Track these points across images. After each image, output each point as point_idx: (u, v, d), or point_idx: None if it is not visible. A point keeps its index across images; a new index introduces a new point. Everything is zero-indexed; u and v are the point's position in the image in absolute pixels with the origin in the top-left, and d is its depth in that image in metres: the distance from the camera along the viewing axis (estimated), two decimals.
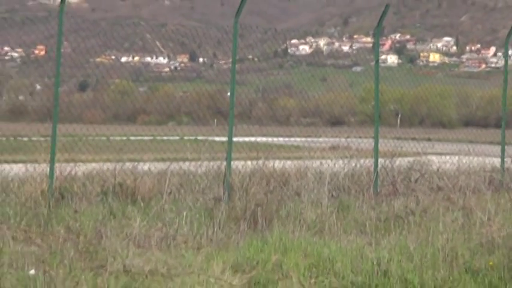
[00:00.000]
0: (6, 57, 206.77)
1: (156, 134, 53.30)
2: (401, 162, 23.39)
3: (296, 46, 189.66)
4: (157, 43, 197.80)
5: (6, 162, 21.43)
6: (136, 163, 21.21)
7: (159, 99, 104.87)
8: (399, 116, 76.46)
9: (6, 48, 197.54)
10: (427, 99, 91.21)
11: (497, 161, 23.73)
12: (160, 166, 21.36)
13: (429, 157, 25.61)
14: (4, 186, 18.53)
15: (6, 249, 12.56)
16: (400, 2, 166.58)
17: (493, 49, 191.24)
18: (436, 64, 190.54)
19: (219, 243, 14.26)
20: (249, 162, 20.94)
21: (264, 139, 38.48)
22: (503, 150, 23.12)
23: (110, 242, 13.22)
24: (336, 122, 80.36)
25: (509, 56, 27.79)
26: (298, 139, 49.81)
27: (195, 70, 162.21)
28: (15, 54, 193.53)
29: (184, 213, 15.56)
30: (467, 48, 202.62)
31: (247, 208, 16.34)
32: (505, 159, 23.20)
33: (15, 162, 21.34)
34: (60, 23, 18.91)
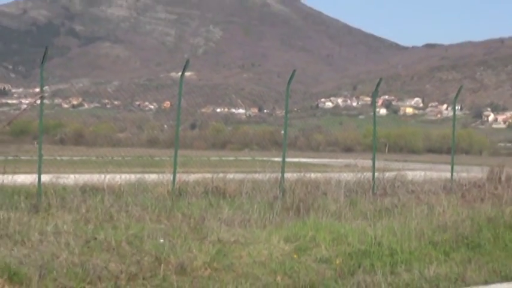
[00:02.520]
0: (146, 108, 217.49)
1: (237, 156, 58.90)
2: (389, 175, 24.82)
3: (323, 102, 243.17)
4: (239, 100, 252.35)
5: (146, 172, 22.70)
6: (225, 174, 22.55)
7: (239, 135, 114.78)
8: (387, 145, 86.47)
9: (146, 103, 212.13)
10: (404, 136, 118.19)
11: (448, 174, 25.10)
12: (240, 176, 22.42)
13: (406, 172, 26.96)
14: (145, 187, 19.70)
15: (147, 226, 13.55)
16: (388, 76, 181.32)
17: (445, 105, 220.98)
18: (410, 114, 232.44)
19: (276, 224, 15.18)
20: (294, 174, 21.99)
21: (303, 160, 41.23)
22: (452, 167, 24.70)
23: (209, 223, 14.39)
24: (348, 149, 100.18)
25: (456, 110, 29.99)
26: (324, 160, 53.49)
27: (262, 117, 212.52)
28: (151, 106, 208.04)
29: (255, 206, 16.82)
30: (429, 104, 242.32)
31: (294, 202, 17.80)
32: (453, 173, 24.58)
33: (151, 172, 22.36)
34: (180, 87, 20.75)
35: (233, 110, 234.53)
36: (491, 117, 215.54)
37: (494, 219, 15.76)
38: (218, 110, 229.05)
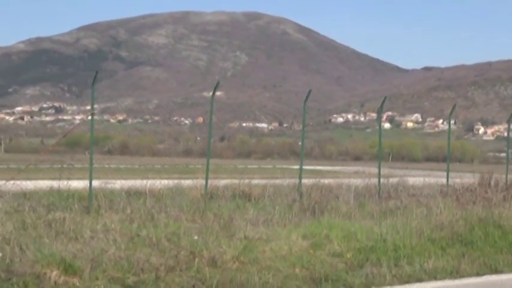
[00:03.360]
0: (182, 123, 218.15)
1: (261, 164, 58.60)
2: (392, 180, 24.58)
3: (335, 118, 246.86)
4: (262, 116, 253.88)
5: (182, 178, 22.55)
6: (250, 179, 22.46)
7: (262, 146, 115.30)
8: (390, 155, 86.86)
9: (182, 118, 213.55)
10: (405, 146, 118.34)
11: (444, 180, 24.63)
12: (263, 181, 22.49)
13: (407, 178, 26.55)
14: (181, 191, 19.68)
15: (183, 225, 13.65)
16: (391, 95, 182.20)
17: (441, 120, 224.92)
18: (410, 128, 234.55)
19: (295, 223, 15.12)
20: (310, 180, 22.08)
21: (318, 167, 40.59)
22: (447, 174, 24.25)
23: (236, 222, 14.37)
24: (356, 158, 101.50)
25: (451, 124, 29.71)
26: (336, 167, 52.97)
27: (282, 130, 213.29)
28: (186, 121, 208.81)
29: (276, 207, 16.69)
30: (427, 119, 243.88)
31: (310, 205, 17.79)
32: (449, 179, 24.16)
33: (186, 178, 22.23)
34: (212, 105, 20.69)
35: (257, 125, 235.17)
36: (481, 130, 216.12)
37: (485, 219, 15.64)
38: (244, 124, 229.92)
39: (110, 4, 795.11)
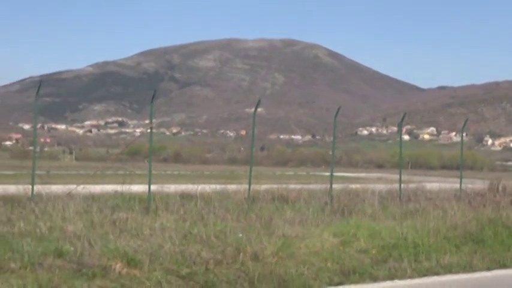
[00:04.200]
0: (227, 135, 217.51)
1: (296, 171, 58.31)
2: (411, 186, 24.60)
3: (361, 131, 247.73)
4: (297, 129, 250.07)
5: (228, 184, 22.00)
6: (287, 185, 22.49)
7: (297, 155, 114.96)
8: (409, 163, 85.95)
9: (227, 131, 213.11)
10: (422, 156, 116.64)
11: (458, 186, 24.20)
12: (298, 186, 22.26)
13: (424, 183, 26.59)
14: (227, 195, 19.42)
15: (229, 224, 13.57)
16: (410, 111, 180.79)
17: (454, 133, 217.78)
18: (427, 140, 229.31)
19: (326, 223, 15.01)
20: (339, 185, 22.21)
21: (346, 174, 40.19)
22: (460, 180, 23.84)
23: (275, 222, 14.26)
24: (380, 166, 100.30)
25: (463, 136, 29.28)
26: (362, 174, 52.52)
27: (314, 142, 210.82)
28: (231, 134, 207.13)
29: (310, 209, 16.74)
30: (442, 132, 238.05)
31: (339, 207, 17.79)
32: (462, 185, 23.73)
33: (232, 183, 21.85)
34: (254, 120, 20.61)
35: (292, 137, 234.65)
36: (490, 142, 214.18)
37: (494, 220, 15.53)
38: (281, 136, 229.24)
39: (166, 32, 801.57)
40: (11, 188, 18.63)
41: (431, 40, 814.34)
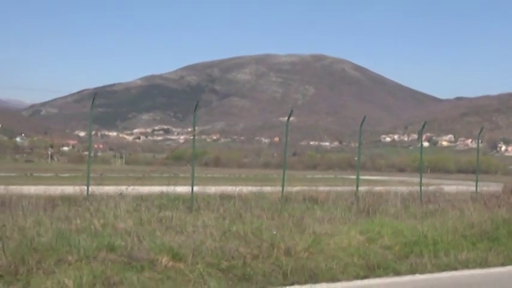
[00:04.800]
0: (262, 142, 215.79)
1: (324, 174, 57.65)
2: (431, 188, 24.22)
3: (384, 138, 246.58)
4: (325, 136, 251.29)
5: (263, 186, 21.83)
6: (317, 187, 22.47)
7: (326, 160, 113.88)
8: (429, 168, 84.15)
9: (262, 138, 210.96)
10: (441, 161, 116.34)
11: (474, 188, 24.06)
12: (327, 188, 22.32)
13: (443, 186, 26.31)
14: (262, 196, 19.34)
15: (264, 222, 13.24)
16: (429, 119, 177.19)
17: (470, 140, 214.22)
18: (445, 146, 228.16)
19: (353, 222, 14.86)
20: (365, 187, 21.72)
21: (370, 177, 39.38)
22: (476, 183, 23.70)
23: (306, 220, 14.20)
24: (401, 170, 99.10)
25: (479, 143, 28.97)
26: (385, 177, 51.58)
27: (341, 148, 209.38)
28: (266, 141, 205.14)
29: (338, 209, 16.60)
30: (459, 139, 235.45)
31: (365, 207, 17.58)
32: (477, 187, 23.56)
33: (267, 185, 21.88)
34: (287, 128, 20.60)
35: (321, 143, 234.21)
36: (504, 148, 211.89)
37: (508, 220, 15.26)
38: (311, 143, 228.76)
39: (207, 48, 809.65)
40: (69, 189, 18.87)
41: (449, 55, 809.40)
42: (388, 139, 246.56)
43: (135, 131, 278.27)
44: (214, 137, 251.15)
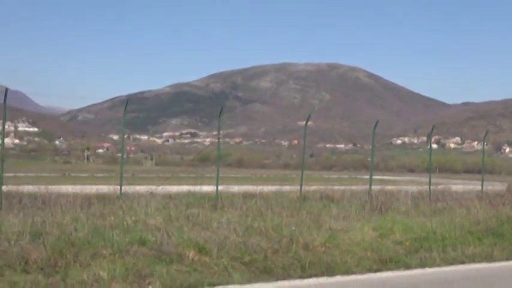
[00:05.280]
0: (282, 144, 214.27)
1: (340, 175, 57.20)
2: (439, 187, 23.71)
3: (395, 140, 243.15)
4: (340, 139, 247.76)
5: (283, 185, 21.95)
6: (332, 186, 22.72)
7: (341, 161, 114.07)
8: (437, 168, 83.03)
9: (282, 141, 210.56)
10: (449, 162, 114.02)
11: (479, 187, 23.70)
12: (342, 187, 22.36)
13: (450, 186, 26.14)
14: (282, 194, 19.40)
15: (284, 219, 13.40)
16: (438, 123, 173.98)
17: (476, 142, 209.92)
18: (452, 148, 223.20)
19: (367, 219, 14.88)
20: (377, 187, 21.60)
21: (383, 177, 38.77)
22: (482, 183, 23.44)
23: (323, 217, 14.26)
24: (411, 170, 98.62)
25: (484, 145, 28.53)
26: (396, 177, 50.42)
27: (355, 150, 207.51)
28: (285, 143, 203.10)
29: (352, 207, 16.62)
30: (466, 141, 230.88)
31: (377, 205, 17.47)
32: (483, 187, 23.31)
33: (286, 185, 22.16)
34: (305, 131, 20.80)
35: (337, 145, 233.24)
36: (508, 150, 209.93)
37: None
38: (327, 145, 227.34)
39: (230, 58, 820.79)
40: (103, 188, 18.97)
41: (456, 63, 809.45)
42: (399, 142, 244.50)
43: (165, 134, 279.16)
44: (237, 140, 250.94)
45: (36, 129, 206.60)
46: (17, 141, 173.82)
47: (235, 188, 20.44)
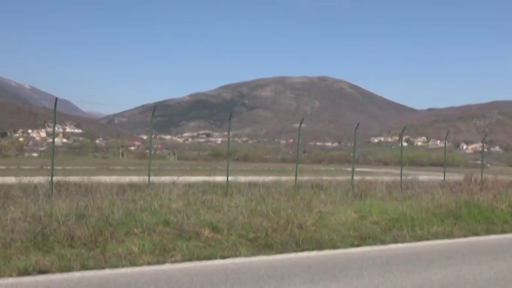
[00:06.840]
0: (280, 143, 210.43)
1: (327, 167, 56.41)
2: (408, 177, 23.42)
3: (373, 139, 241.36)
4: (328, 138, 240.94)
5: (281, 176, 22.27)
6: (321, 177, 22.23)
7: (328, 156, 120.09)
8: (407, 162, 74.84)
9: (280, 140, 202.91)
10: (417, 157, 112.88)
11: (442, 177, 23.35)
12: (329, 178, 21.97)
13: (418, 176, 25.43)
14: (280, 183, 19.03)
15: (282, 203, 13.23)
16: (408, 125, 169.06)
17: (439, 141, 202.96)
18: (419, 145, 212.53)
19: (349, 203, 14.55)
20: (358, 177, 21.18)
21: (362, 169, 38.41)
22: (444, 174, 23.35)
23: (314, 202, 14.10)
24: (386, 164, 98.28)
25: (446, 143, 28.35)
26: (374, 169, 49.95)
27: (340, 147, 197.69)
28: (283, 142, 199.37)
29: (338, 193, 16.41)
30: (430, 140, 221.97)
31: (358, 192, 17.29)
32: (445, 177, 23.05)
33: (283, 175, 21.63)
34: (299, 132, 20.53)
35: (325, 144, 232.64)
36: (465, 147, 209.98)
37: (468, 202, 15.05)
38: (317, 143, 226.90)
39: (238, 71, 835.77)
40: (135, 179, 18.95)
41: (423, 74, 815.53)
42: (376, 140, 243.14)
43: (185, 134, 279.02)
44: (244, 139, 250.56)
45: (80, 130, 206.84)
46: (64, 140, 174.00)
47: (242, 179, 20.18)
